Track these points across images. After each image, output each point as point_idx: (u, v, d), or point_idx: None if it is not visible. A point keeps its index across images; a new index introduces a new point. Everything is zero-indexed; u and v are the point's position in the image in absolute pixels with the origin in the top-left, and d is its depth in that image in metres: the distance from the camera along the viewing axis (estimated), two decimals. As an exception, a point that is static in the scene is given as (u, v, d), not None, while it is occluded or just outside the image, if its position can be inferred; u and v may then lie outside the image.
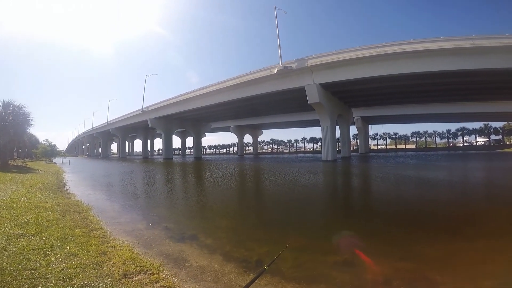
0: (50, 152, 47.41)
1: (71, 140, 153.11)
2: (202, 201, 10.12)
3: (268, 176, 19.05)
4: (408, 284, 3.48)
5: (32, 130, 45.90)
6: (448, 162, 29.09)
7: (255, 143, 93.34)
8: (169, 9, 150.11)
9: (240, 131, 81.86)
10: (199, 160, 51.50)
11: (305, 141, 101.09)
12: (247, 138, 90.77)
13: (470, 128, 76.46)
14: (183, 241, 5.31)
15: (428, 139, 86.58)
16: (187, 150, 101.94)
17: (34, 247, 3.95)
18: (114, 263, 3.69)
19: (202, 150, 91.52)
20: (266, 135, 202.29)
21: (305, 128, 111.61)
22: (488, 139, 74.94)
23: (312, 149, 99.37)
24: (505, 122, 70.44)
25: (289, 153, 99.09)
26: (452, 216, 7.14)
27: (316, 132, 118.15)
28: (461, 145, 79.43)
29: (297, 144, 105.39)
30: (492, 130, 73.05)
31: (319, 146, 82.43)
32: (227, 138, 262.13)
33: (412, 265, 4.02)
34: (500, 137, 74.30)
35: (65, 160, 52.48)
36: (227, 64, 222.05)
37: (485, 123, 71.60)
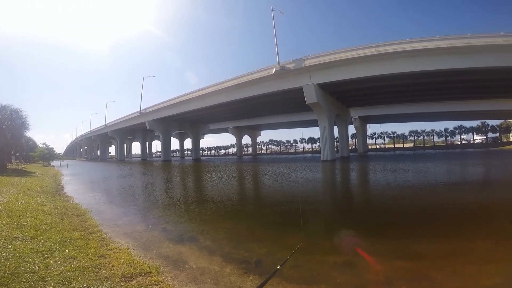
0: (47, 155, 47.24)
1: (69, 143, 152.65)
2: (201, 202, 10.09)
3: (268, 177, 19.05)
4: (409, 283, 3.49)
5: (29, 134, 45.88)
6: (448, 161, 29.15)
7: (254, 144, 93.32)
8: (165, 10, 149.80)
9: (238, 132, 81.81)
10: (197, 162, 51.45)
11: (303, 141, 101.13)
12: (246, 139, 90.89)
13: (468, 126, 76.70)
14: (182, 242, 5.30)
15: (426, 137, 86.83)
16: (186, 152, 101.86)
17: (33, 250, 3.93)
18: (113, 266, 3.68)
19: (201, 151, 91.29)
20: (265, 135, 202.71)
21: (304, 128, 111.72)
22: (485, 137, 75.31)
23: (310, 149, 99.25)
24: (502, 120, 70.87)
25: (288, 153, 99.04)
26: (450, 214, 7.16)
27: (314, 132, 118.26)
28: (459, 143, 79.67)
29: (296, 144, 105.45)
30: (489, 128, 73.40)
31: (318, 146, 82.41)
32: (225, 139, 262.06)
33: (412, 264, 4.03)
34: (497, 135, 74.66)
35: (63, 163, 52.30)
36: (225, 65, 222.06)
37: (482, 121, 71.92)
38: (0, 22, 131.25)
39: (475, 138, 79.69)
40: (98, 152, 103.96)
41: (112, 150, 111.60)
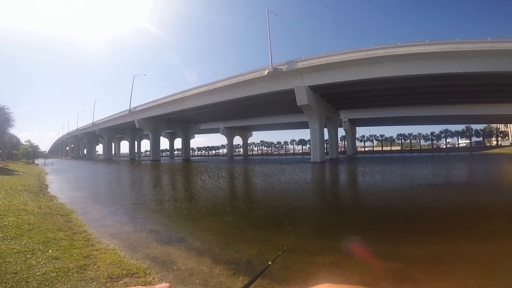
0: (31, 153, 45.84)
1: (54, 141, 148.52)
2: (190, 202, 9.98)
3: (259, 178, 19.04)
4: (395, 284, 3.54)
5: (14, 131, 44.39)
6: (432, 163, 29.83)
7: (245, 144, 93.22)
8: (161, 8, 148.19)
9: (229, 133, 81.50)
10: (187, 162, 50.94)
11: (294, 143, 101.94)
12: (237, 140, 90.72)
13: (453, 130, 79.40)
14: (170, 243, 5.22)
15: (413, 141, 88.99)
16: (176, 152, 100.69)
17: (14, 250, 3.80)
18: (98, 267, 3.58)
19: (191, 151, 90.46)
20: (256, 136, 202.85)
21: (295, 130, 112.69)
22: (469, 141, 77.73)
23: (301, 150, 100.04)
24: (486, 125, 73.41)
25: (279, 154, 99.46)
26: (435, 215, 7.32)
27: (305, 134, 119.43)
28: (444, 147, 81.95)
29: (287, 145, 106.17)
30: (473, 132, 75.93)
31: (308, 148, 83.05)
32: (216, 139, 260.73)
33: (399, 265, 4.08)
34: (480, 139, 77.24)
35: (48, 161, 50.82)
36: (218, 64, 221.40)
37: (467, 125, 74.34)
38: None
39: (459, 142, 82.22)
40: (85, 150, 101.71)
41: (99, 149, 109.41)
